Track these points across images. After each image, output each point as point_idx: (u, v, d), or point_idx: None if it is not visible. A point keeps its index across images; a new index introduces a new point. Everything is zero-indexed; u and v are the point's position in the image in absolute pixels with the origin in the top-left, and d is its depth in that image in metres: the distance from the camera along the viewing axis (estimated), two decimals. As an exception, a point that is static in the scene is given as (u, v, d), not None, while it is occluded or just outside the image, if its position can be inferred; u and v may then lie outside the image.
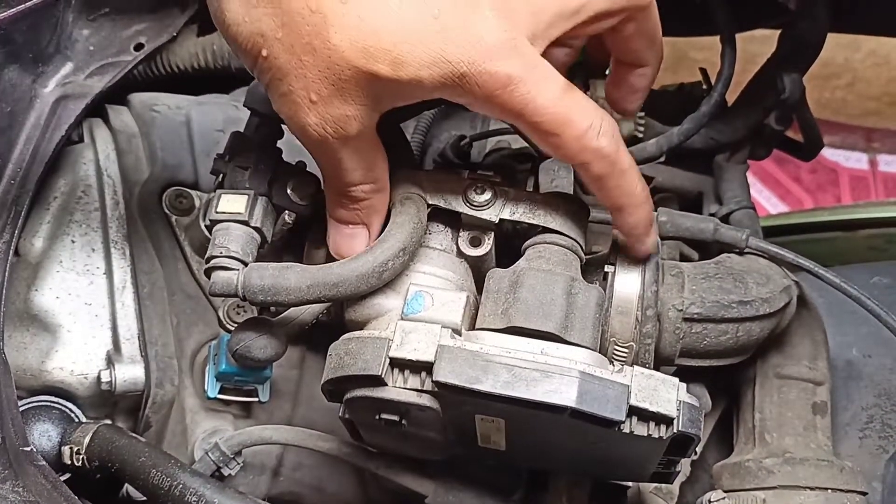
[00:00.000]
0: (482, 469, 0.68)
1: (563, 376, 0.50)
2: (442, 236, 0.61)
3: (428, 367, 0.52)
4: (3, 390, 0.57)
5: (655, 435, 0.52)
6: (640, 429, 0.52)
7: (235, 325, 0.70)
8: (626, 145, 0.83)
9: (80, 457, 0.64)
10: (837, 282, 0.67)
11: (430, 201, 0.59)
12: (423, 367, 0.52)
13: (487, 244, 0.60)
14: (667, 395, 0.52)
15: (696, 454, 0.76)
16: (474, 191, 0.59)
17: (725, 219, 0.82)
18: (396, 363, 0.52)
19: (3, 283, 0.60)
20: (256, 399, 0.74)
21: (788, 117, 0.84)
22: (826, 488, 0.66)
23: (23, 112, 0.64)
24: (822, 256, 0.70)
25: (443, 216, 0.60)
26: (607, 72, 0.62)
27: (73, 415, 0.69)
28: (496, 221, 0.59)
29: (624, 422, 0.51)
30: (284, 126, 0.56)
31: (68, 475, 0.66)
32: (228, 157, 0.61)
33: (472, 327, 0.56)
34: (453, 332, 0.53)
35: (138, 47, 0.70)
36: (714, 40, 0.81)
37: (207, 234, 0.60)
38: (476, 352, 0.51)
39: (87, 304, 0.71)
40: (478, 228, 0.60)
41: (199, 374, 0.75)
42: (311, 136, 0.51)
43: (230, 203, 0.58)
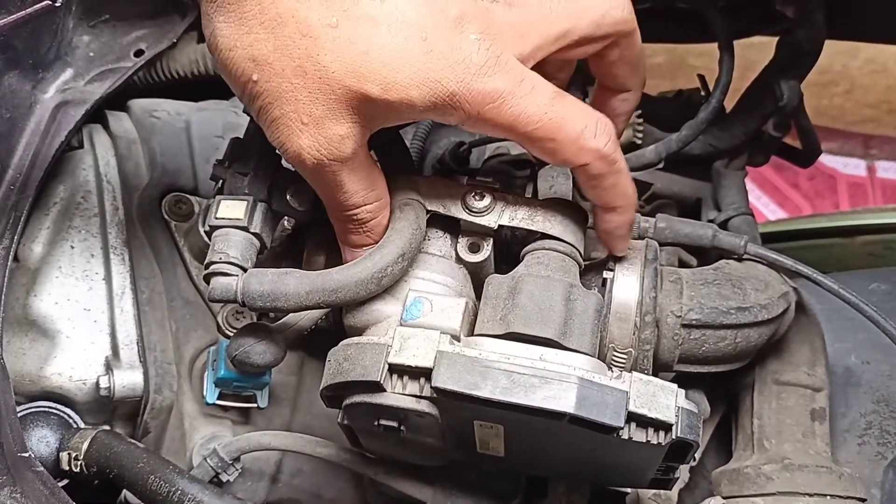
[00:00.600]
0: (481, 475, 0.67)
1: (562, 382, 0.50)
2: (441, 242, 0.61)
3: (427, 373, 0.52)
4: (2, 396, 0.57)
5: (654, 441, 0.52)
6: (638, 435, 0.52)
7: (234, 331, 0.70)
8: (625, 152, 0.83)
9: (79, 463, 0.64)
10: (836, 288, 0.67)
11: (429, 207, 0.59)
12: (422, 373, 0.52)
13: (486, 250, 0.60)
14: (665, 401, 0.52)
15: (695, 460, 0.76)
16: (473, 197, 0.59)
17: (724, 225, 0.82)
18: (395, 369, 0.52)
19: (2, 288, 0.60)
20: (255, 405, 0.74)
21: (786, 124, 0.84)
22: (825, 495, 0.66)
23: (23, 118, 0.64)
24: (821, 263, 0.70)
25: (442, 222, 0.60)
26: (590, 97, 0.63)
27: (71, 420, 0.69)
28: (495, 227, 0.59)
29: (623, 428, 0.51)
30: None
31: (66, 481, 0.66)
32: (228, 162, 0.61)
33: (471, 333, 0.56)
34: (452, 338, 0.53)
35: (138, 53, 0.70)
36: (712, 47, 0.82)
37: (207, 239, 0.60)
38: (475, 358, 0.51)
39: (86, 310, 0.71)
40: (477, 234, 0.60)
41: (197, 379, 0.75)
42: (307, 160, 0.51)
43: (229, 209, 0.58)
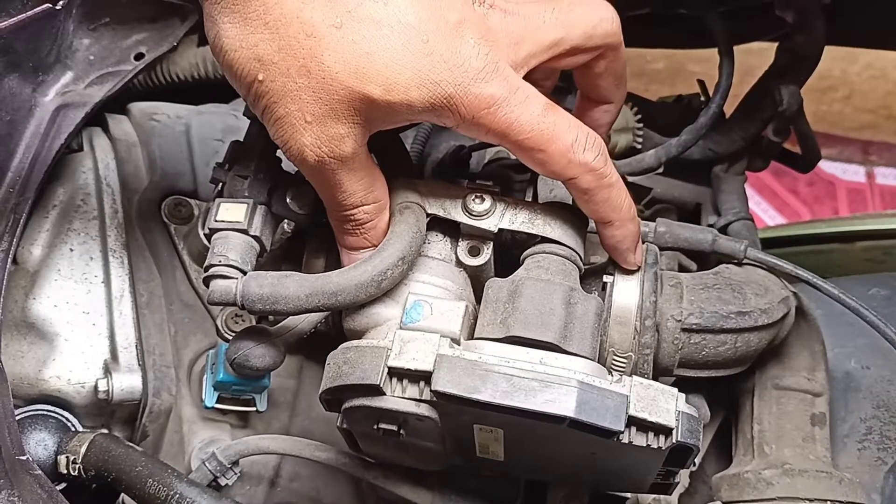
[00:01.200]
0: (480, 479, 0.67)
1: (562, 386, 0.50)
2: (441, 245, 0.61)
3: (426, 376, 0.51)
4: (0, 399, 0.56)
5: (654, 445, 0.52)
6: (638, 439, 0.51)
7: (233, 334, 0.70)
8: (625, 157, 0.83)
9: (77, 466, 0.64)
10: (836, 293, 0.67)
11: (430, 210, 0.59)
12: (422, 377, 0.52)
13: (486, 254, 0.60)
14: (666, 405, 0.52)
15: (695, 465, 0.76)
16: (473, 200, 0.59)
17: (724, 230, 0.82)
18: (395, 372, 0.52)
19: (0, 291, 0.60)
20: (254, 408, 0.74)
21: (786, 129, 0.84)
22: (825, 500, 0.66)
23: (23, 121, 0.64)
24: (820, 268, 0.70)
25: (442, 225, 0.60)
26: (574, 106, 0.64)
27: (69, 424, 0.68)
28: (495, 231, 0.59)
29: (623, 432, 0.51)
30: None
31: (64, 484, 0.65)
32: (228, 165, 0.61)
33: (471, 337, 0.56)
34: (452, 342, 0.53)
35: (138, 57, 0.70)
36: (712, 52, 0.82)
37: (206, 242, 0.60)
38: (475, 361, 0.51)
39: (85, 313, 0.70)
40: (477, 238, 0.60)
41: (196, 383, 0.75)
42: (309, 158, 0.52)
43: (229, 212, 0.58)
